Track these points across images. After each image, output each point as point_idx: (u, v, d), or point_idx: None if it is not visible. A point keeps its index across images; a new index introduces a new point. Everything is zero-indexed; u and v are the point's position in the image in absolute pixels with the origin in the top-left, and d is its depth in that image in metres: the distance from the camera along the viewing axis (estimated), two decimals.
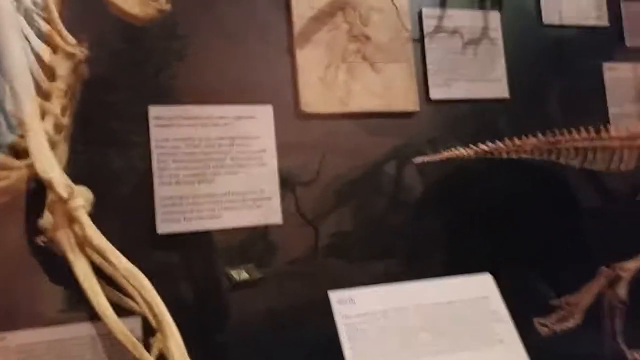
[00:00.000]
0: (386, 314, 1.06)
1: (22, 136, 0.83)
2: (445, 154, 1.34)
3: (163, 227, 1.34)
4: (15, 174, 0.86)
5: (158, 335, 1.20)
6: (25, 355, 1.21)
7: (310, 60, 1.50)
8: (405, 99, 1.57)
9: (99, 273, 1.11)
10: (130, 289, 0.78)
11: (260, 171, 1.44)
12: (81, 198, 0.76)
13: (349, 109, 1.52)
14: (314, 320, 1.28)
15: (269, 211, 1.43)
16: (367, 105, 1.54)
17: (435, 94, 1.61)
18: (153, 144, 1.36)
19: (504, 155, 1.29)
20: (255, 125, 1.45)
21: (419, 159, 1.37)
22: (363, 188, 1.51)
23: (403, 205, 1.54)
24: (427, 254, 1.51)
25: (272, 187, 1.44)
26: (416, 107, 1.58)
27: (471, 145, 1.35)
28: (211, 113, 1.41)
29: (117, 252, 0.77)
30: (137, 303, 1.20)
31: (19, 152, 0.87)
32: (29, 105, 0.76)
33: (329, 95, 1.50)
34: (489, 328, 1.12)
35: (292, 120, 1.48)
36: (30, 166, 0.83)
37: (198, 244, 1.38)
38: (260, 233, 1.43)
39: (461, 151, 1.32)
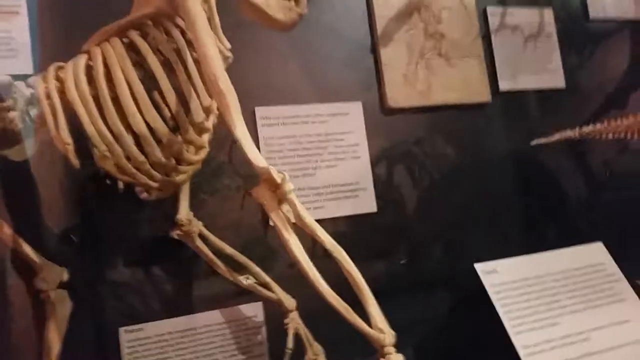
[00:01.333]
0: (527, 281, 1.18)
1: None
2: (557, 136, 1.47)
3: None
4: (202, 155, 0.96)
5: (291, 315, 1.30)
6: (163, 344, 1.29)
7: (393, 58, 1.60)
8: (478, 91, 1.68)
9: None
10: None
11: (355, 163, 1.53)
12: (290, 182, 0.84)
13: (430, 102, 1.62)
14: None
15: (364, 200, 1.52)
16: (445, 98, 1.64)
17: (503, 85, 1.73)
18: (261, 142, 1.44)
19: (603, 136, 1.42)
20: (348, 121, 1.54)
21: (535, 141, 1.56)
22: (458, 173, 1.62)
23: (493, 187, 1.66)
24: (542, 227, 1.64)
25: (366, 178, 1.54)
26: (488, 98, 1.70)
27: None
28: (309, 112, 1.50)
29: (323, 230, 0.86)
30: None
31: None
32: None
33: (411, 90, 1.60)
34: (610, 289, 1.26)
35: (380, 115, 1.58)
36: None
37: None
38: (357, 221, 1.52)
39: (568, 133, 1.46)
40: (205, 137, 1.03)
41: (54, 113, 0.89)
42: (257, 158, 0.85)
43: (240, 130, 0.85)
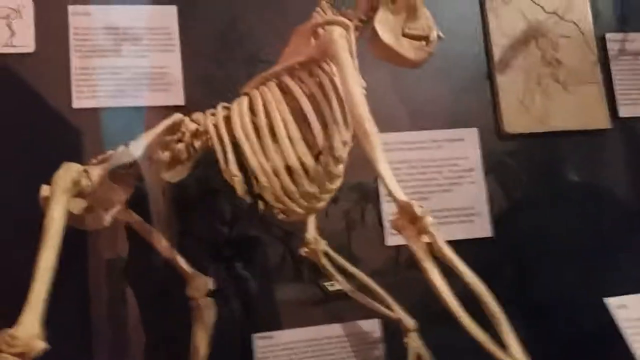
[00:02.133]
0: None
1: None
2: None
3: (391, 240, 1.50)
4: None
5: (411, 335, 1.36)
6: (289, 352, 1.41)
7: (509, 85, 1.63)
8: (597, 118, 1.66)
9: None
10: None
11: (470, 188, 1.57)
12: (430, 217, 0.92)
13: (546, 128, 1.63)
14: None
15: (480, 226, 1.56)
16: (563, 124, 1.64)
17: (623, 112, 1.70)
18: None
19: None
20: (464, 147, 1.59)
21: None
22: (576, 200, 1.62)
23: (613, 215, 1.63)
24: None
25: (481, 202, 1.57)
26: (607, 124, 1.67)
27: None
28: (425, 137, 1.57)
29: (462, 263, 0.92)
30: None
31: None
32: None
33: (527, 116, 1.62)
34: None
35: (496, 141, 1.61)
36: None
37: None
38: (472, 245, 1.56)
39: None
40: (341, 168, 1.12)
41: (223, 149, 1.03)
42: (398, 192, 0.93)
43: (383, 166, 0.94)
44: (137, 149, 0.99)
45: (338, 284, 1.45)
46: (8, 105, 1.38)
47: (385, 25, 1.11)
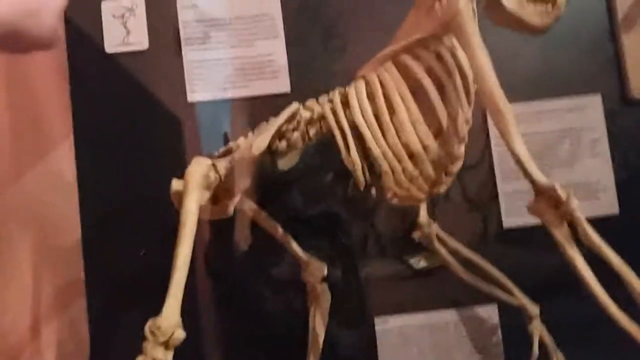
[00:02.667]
0: None
1: None
2: None
3: (508, 222, 1.44)
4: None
5: (534, 322, 1.30)
6: (404, 337, 1.40)
7: (635, 45, 1.48)
8: None
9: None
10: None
11: (594, 162, 1.46)
12: (576, 199, 0.85)
13: None
14: None
15: (606, 202, 1.45)
16: None
17: None
18: (493, 141, 1.45)
19: None
20: (586, 116, 1.47)
21: None
22: None
23: None
24: None
25: (607, 177, 1.46)
26: None
27: None
28: (542, 107, 1.47)
29: (609, 248, 0.85)
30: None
31: None
32: None
33: None
34: None
35: (622, 107, 1.48)
36: None
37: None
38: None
39: None
40: (463, 148, 1.07)
41: (344, 135, 1.01)
42: (538, 174, 0.87)
43: (519, 146, 0.88)
44: (263, 141, 1.00)
45: (425, 260, 1.42)
46: (127, 103, 1.45)
47: None
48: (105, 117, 1.43)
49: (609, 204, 1.45)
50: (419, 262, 1.44)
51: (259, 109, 1.42)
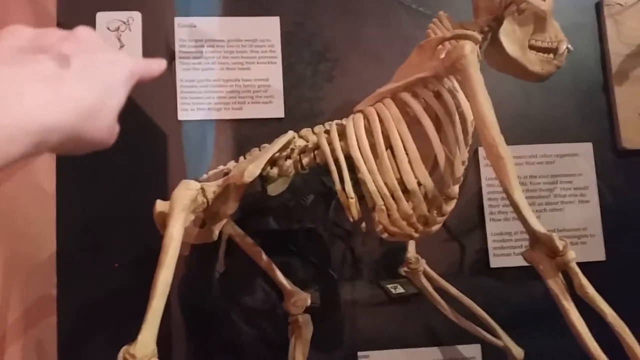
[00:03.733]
0: None
1: None
2: None
3: (495, 262, 1.42)
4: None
5: None
6: None
7: (628, 97, 1.50)
8: None
9: None
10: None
11: (583, 208, 1.46)
12: (572, 251, 0.84)
13: None
14: None
15: (592, 248, 1.44)
16: None
17: None
18: (483, 182, 1.45)
19: None
20: (577, 162, 1.48)
21: None
22: None
23: None
24: None
25: (595, 224, 1.46)
26: None
27: None
28: (536, 152, 1.47)
29: (603, 301, 0.84)
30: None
31: None
32: None
33: None
34: None
35: (612, 157, 1.49)
36: None
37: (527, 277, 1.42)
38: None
39: None
40: (457, 189, 1.06)
41: (339, 168, 0.99)
42: (536, 223, 0.86)
43: (518, 194, 0.87)
44: (256, 168, 0.97)
45: (400, 286, 1.40)
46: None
47: (511, 37, 1.04)
48: None
49: (595, 250, 1.45)
50: (396, 289, 1.41)
51: (251, 132, 1.40)
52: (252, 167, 0.97)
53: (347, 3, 1.50)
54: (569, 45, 1.06)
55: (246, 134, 1.41)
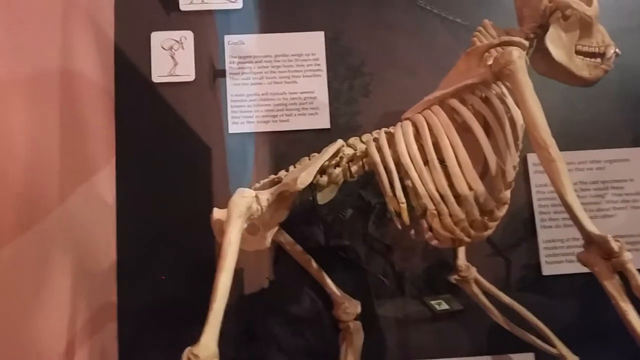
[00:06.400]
0: None
1: None
2: None
3: (547, 269, 1.41)
4: None
5: None
6: None
7: None
8: None
9: None
10: None
11: (637, 213, 1.43)
12: (628, 252, 0.83)
13: None
14: None
15: None
16: None
17: None
18: (533, 189, 1.44)
19: None
20: (629, 168, 1.45)
21: None
22: None
23: None
24: None
25: None
26: None
27: None
28: (586, 158, 1.45)
29: None
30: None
31: None
32: None
33: None
34: None
35: None
36: None
37: (581, 287, 1.40)
38: None
39: None
40: (509, 194, 1.06)
41: (389, 174, 1.01)
42: (590, 225, 0.86)
43: (571, 196, 0.87)
44: (308, 175, 1.00)
45: (445, 303, 1.39)
46: (169, 131, 1.48)
47: (558, 43, 1.05)
48: (148, 144, 1.46)
49: None
50: (440, 305, 1.41)
51: (298, 143, 1.44)
52: (304, 174, 1.00)
53: (381, 16, 1.53)
54: (617, 50, 1.05)
55: (294, 145, 1.45)
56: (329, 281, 1.32)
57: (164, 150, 1.46)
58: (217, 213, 1.05)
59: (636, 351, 0.84)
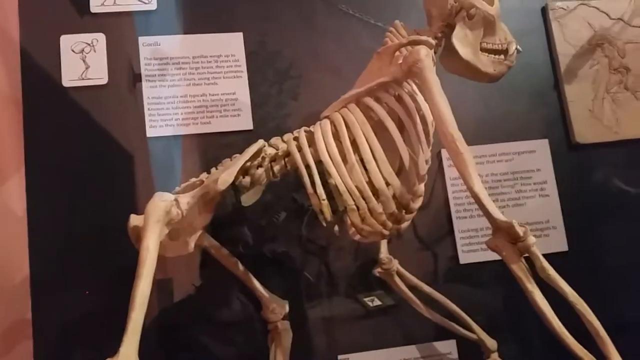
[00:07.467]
0: None
1: None
2: None
3: (464, 257, 1.48)
4: None
5: (493, 356, 1.33)
6: None
7: (578, 94, 1.59)
8: None
9: None
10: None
11: (544, 201, 1.53)
12: (532, 236, 0.89)
13: (618, 137, 1.58)
14: None
15: (555, 239, 1.51)
16: (635, 132, 1.59)
17: None
18: (448, 182, 1.51)
19: None
20: (535, 159, 1.55)
21: None
22: None
23: None
24: None
25: (556, 216, 1.53)
26: None
27: None
28: (496, 150, 1.54)
29: (564, 282, 0.89)
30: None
31: None
32: None
33: (598, 125, 1.58)
34: None
35: (567, 152, 1.57)
36: None
37: (496, 273, 1.48)
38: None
39: None
40: (423, 187, 1.11)
41: (309, 172, 1.03)
42: (496, 212, 0.91)
43: (478, 186, 0.92)
44: (229, 175, 1.00)
45: (377, 299, 1.44)
46: (82, 137, 1.41)
47: (464, 41, 1.10)
48: (59, 151, 1.39)
49: (558, 242, 1.51)
50: (373, 302, 1.45)
51: (220, 145, 1.42)
52: (224, 175, 0.99)
53: (306, 20, 1.55)
54: (518, 46, 1.13)
55: (216, 147, 1.44)
56: (256, 283, 1.31)
57: (78, 157, 1.40)
58: (135, 219, 1.02)
59: (548, 331, 0.89)
